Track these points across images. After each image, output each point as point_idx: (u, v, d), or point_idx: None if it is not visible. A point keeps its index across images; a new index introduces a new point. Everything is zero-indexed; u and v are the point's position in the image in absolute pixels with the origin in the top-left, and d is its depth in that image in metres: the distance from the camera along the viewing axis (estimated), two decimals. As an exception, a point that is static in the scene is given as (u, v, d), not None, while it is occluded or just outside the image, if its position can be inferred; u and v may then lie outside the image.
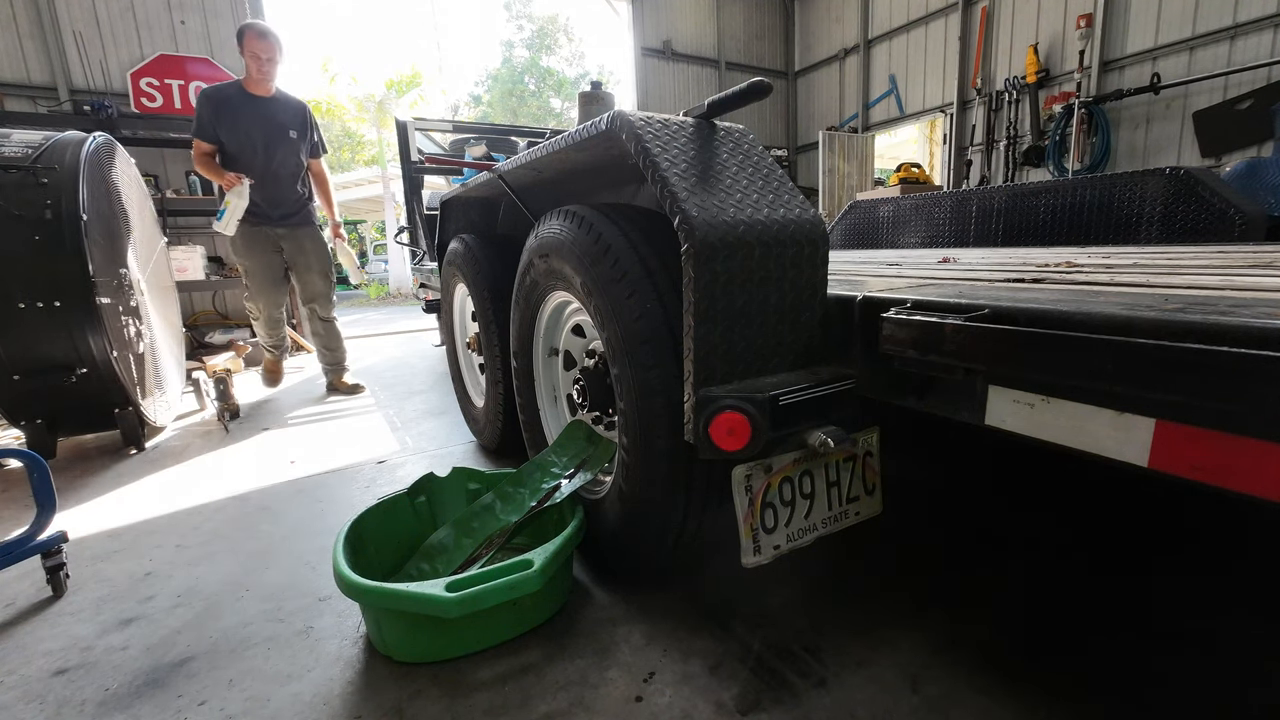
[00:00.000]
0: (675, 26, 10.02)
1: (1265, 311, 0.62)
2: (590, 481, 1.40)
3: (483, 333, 2.06)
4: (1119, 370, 0.61)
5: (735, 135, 1.12)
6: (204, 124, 3.03)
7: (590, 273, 1.20)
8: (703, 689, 1.06)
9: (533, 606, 1.23)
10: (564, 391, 1.68)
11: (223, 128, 3.05)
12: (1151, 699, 1.00)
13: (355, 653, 1.21)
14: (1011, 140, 7.35)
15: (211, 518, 1.88)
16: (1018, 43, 7.37)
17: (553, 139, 1.34)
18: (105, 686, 1.14)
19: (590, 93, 2.60)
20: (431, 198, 4.38)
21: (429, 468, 1.95)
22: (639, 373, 1.10)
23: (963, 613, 1.23)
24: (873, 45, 9.44)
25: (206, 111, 3.03)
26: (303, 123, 3.29)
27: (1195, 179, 2.22)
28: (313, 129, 3.37)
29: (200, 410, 3.20)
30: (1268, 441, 0.54)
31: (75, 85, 4.96)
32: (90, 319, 2.24)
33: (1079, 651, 1.11)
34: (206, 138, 3.06)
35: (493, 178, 1.77)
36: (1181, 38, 5.97)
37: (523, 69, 25.00)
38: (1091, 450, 0.68)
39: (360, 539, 1.36)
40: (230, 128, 3.06)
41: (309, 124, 3.34)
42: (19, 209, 2.17)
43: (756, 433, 0.88)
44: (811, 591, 1.33)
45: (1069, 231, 2.55)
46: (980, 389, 0.78)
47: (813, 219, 1.01)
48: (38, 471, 1.46)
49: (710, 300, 0.92)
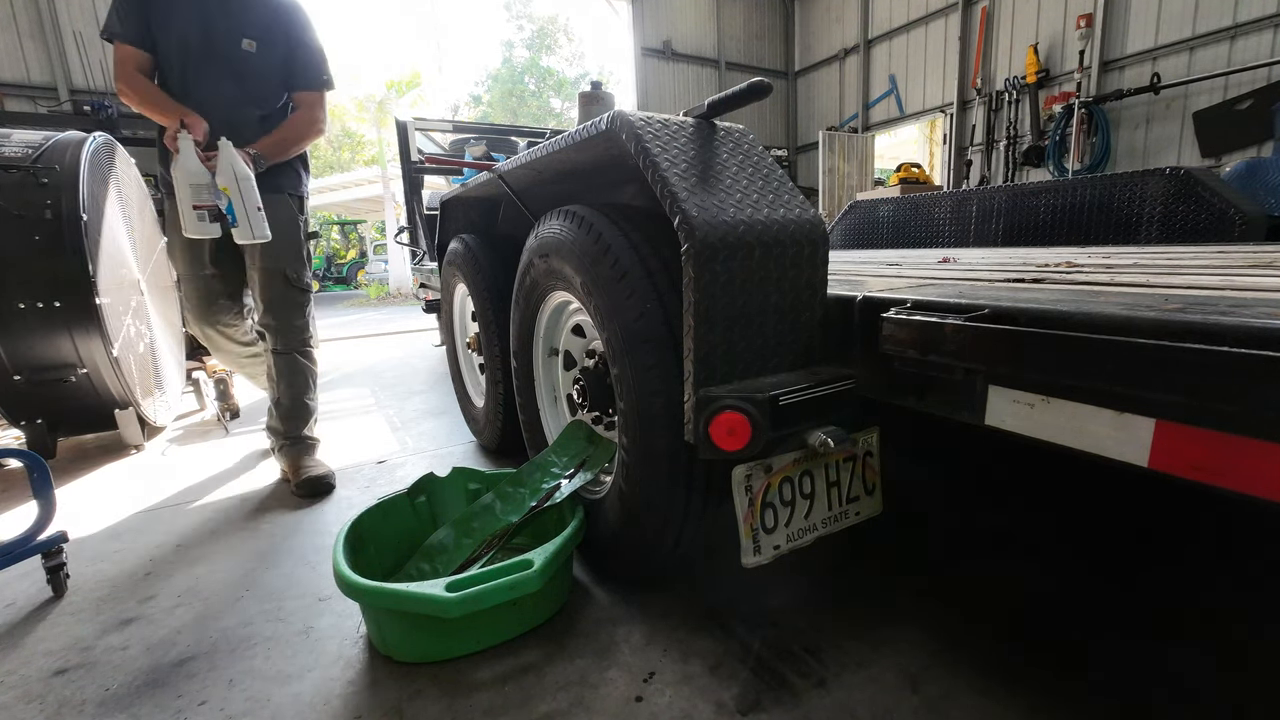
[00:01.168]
0: (675, 26, 10.03)
1: (1265, 311, 0.62)
2: (590, 481, 1.40)
3: (483, 333, 2.06)
4: (1119, 370, 0.61)
5: (735, 135, 1.12)
6: (124, 11, 1.81)
7: (590, 273, 1.20)
8: (703, 689, 1.06)
9: (533, 606, 1.23)
10: (564, 391, 1.68)
11: (155, 21, 1.83)
12: (1152, 699, 1.00)
13: (355, 653, 1.21)
14: (1011, 140, 7.35)
15: (211, 518, 1.88)
16: (1018, 43, 7.38)
17: (553, 139, 1.34)
18: (105, 686, 1.14)
19: (590, 93, 2.60)
20: (431, 198, 4.38)
21: (429, 468, 1.95)
22: (639, 373, 1.10)
23: (963, 613, 1.23)
24: (873, 45, 9.45)
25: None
26: (273, 28, 1.95)
27: (1195, 179, 2.22)
28: (300, 45, 2.01)
29: (200, 410, 3.20)
30: (1268, 441, 0.54)
31: (75, 85, 4.96)
32: (90, 319, 2.24)
33: (1079, 652, 1.11)
34: (128, 36, 1.81)
35: (493, 178, 1.77)
36: (1181, 38, 5.97)
37: (523, 69, 25.00)
38: (1091, 450, 0.68)
39: (360, 539, 1.36)
40: (163, 24, 1.83)
41: (290, 33, 1.99)
42: (19, 209, 2.17)
43: (756, 433, 0.88)
44: (811, 591, 1.33)
45: (1069, 231, 2.55)
46: (980, 389, 0.78)
47: (813, 219, 1.01)
48: (38, 471, 1.46)
49: (710, 300, 0.92)
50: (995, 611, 1.24)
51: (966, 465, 2.03)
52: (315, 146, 25.11)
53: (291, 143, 2.04)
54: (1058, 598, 1.28)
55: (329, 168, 22.41)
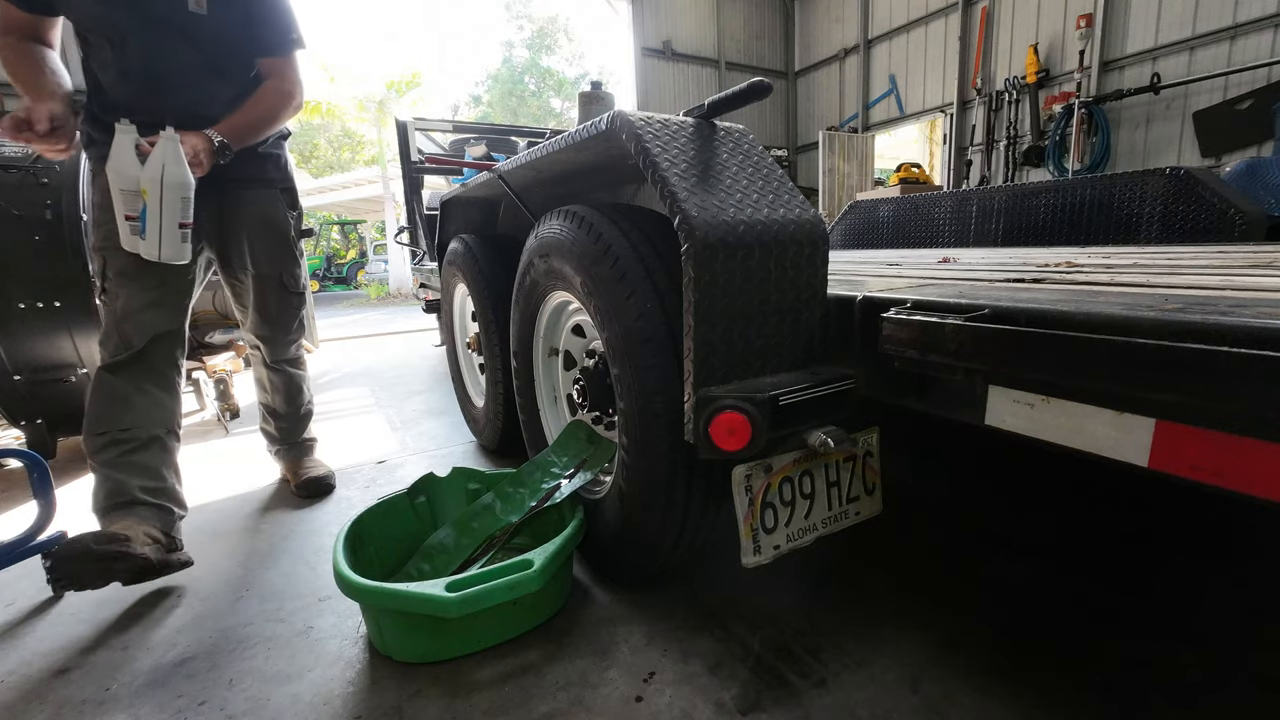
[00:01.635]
0: (675, 26, 10.03)
1: (1265, 311, 0.62)
2: (590, 481, 1.40)
3: (483, 333, 2.06)
4: (1119, 370, 0.61)
5: (735, 135, 1.12)
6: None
7: (590, 273, 1.20)
8: (703, 689, 1.06)
9: (533, 606, 1.23)
10: (564, 391, 1.68)
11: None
12: (1152, 699, 1.00)
13: (355, 653, 1.21)
14: (1011, 140, 7.35)
15: (211, 518, 1.88)
16: (1018, 43, 7.38)
17: (553, 139, 1.34)
18: (105, 686, 1.14)
19: (590, 93, 2.60)
20: (431, 198, 4.38)
21: (429, 468, 1.95)
22: (639, 373, 1.10)
23: (963, 613, 1.23)
24: (873, 45, 9.45)
25: None
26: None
27: (1195, 179, 2.22)
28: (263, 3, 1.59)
29: (200, 410, 3.20)
30: (1268, 441, 0.54)
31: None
32: (90, 319, 2.24)
33: (1079, 652, 1.11)
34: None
35: (493, 178, 1.77)
36: (1181, 38, 5.97)
37: (523, 69, 25.01)
38: (1091, 450, 0.68)
39: (360, 539, 1.36)
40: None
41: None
42: (19, 209, 2.17)
43: (756, 433, 0.88)
44: (811, 591, 1.33)
45: (1069, 231, 2.55)
46: (980, 389, 0.78)
47: (813, 219, 1.01)
48: (38, 471, 1.46)
49: (710, 300, 0.92)
50: (995, 611, 1.24)
51: (966, 465, 2.03)
52: (315, 146, 24.72)
53: (264, 122, 1.64)
54: (1058, 598, 1.28)
55: (329, 168, 22.42)
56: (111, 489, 1.47)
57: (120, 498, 1.46)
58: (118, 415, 1.52)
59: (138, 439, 1.52)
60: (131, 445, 1.51)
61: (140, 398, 1.55)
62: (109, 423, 1.51)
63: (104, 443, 1.49)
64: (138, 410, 1.54)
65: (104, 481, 1.48)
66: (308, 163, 22.60)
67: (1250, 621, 1.20)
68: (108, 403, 1.52)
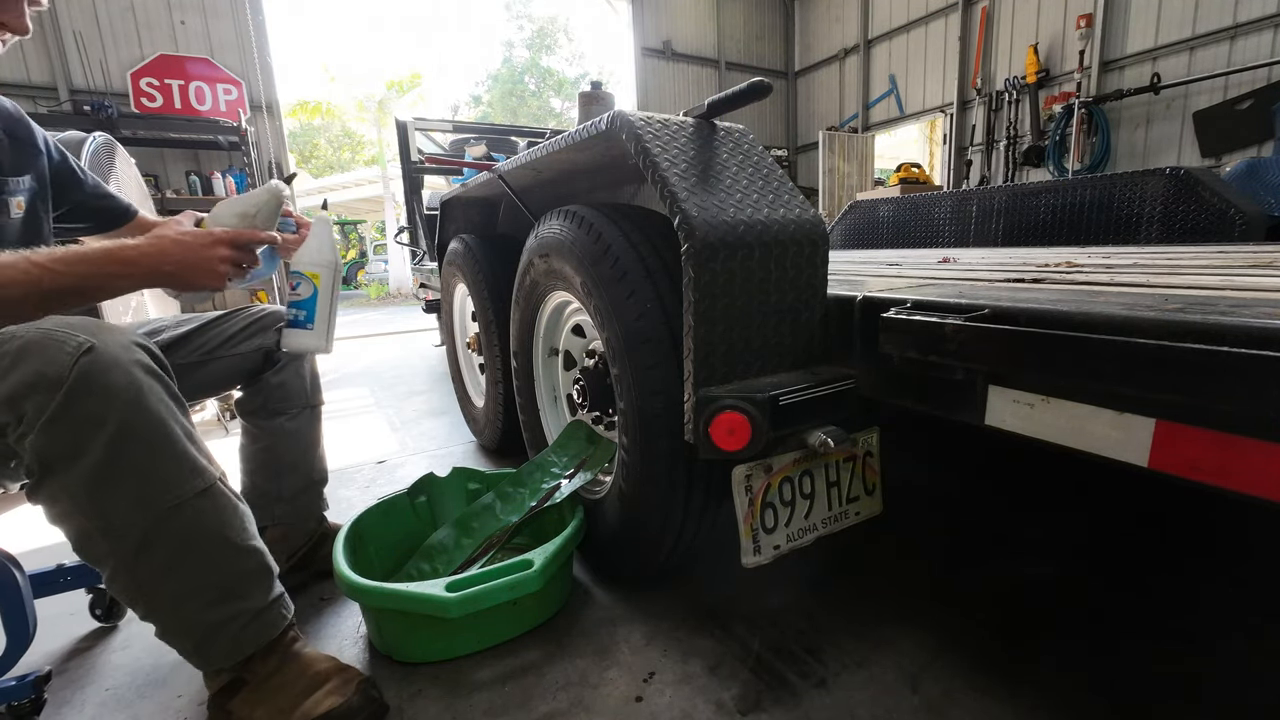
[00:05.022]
0: (675, 26, 10.02)
1: (1265, 311, 0.62)
2: (590, 481, 1.40)
3: (483, 333, 2.06)
4: (1119, 370, 0.61)
5: (735, 135, 1.12)
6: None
7: (590, 273, 1.20)
8: (703, 689, 1.06)
9: (533, 606, 1.23)
10: (564, 391, 1.68)
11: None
12: (1152, 699, 1.00)
13: (355, 653, 1.21)
14: (1011, 140, 7.35)
15: (211, 518, 1.87)
16: (1018, 43, 7.37)
17: (553, 139, 1.34)
18: (105, 686, 1.14)
19: (590, 93, 2.60)
20: (431, 198, 4.38)
21: (429, 468, 1.95)
22: (639, 373, 1.10)
23: (963, 613, 1.23)
24: (873, 45, 9.44)
25: None
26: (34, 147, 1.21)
27: (1195, 179, 2.22)
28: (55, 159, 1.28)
29: (200, 410, 3.20)
30: (1268, 441, 0.54)
31: (75, 85, 4.96)
32: (90, 319, 2.24)
33: (1079, 652, 1.11)
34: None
35: (493, 178, 1.77)
36: (1181, 38, 5.97)
37: (523, 69, 25.01)
38: (1091, 450, 0.68)
39: (360, 539, 1.36)
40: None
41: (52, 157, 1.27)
42: (19, 209, 2.17)
43: (756, 433, 0.89)
44: (811, 591, 1.33)
45: (1069, 231, 2.55)
46: (980, 389, 0.78)
47: (813, 219, 1.01)
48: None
49: (710, 300, 0.92)
50: (995, 611, 1.24)
51: (966, 465, 2.03)
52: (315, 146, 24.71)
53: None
54: (1057, 598, 1.28)
55: (329, 168, 22.43)
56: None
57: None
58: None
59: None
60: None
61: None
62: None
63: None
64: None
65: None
66: (308, 163, 22.60)
67: (1250, 621, 1.20)
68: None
